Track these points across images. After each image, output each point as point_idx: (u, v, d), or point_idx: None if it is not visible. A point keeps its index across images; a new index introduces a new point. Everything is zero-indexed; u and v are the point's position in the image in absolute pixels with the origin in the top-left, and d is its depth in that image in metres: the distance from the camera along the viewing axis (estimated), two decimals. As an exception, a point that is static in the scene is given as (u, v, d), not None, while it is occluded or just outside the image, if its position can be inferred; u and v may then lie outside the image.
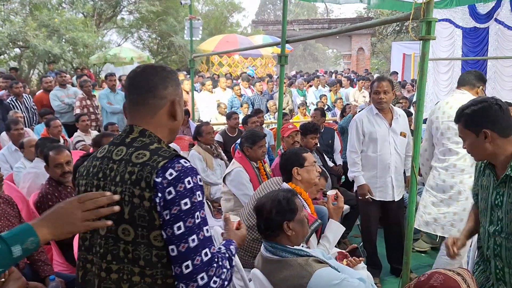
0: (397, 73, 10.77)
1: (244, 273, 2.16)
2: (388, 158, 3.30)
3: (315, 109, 5.77)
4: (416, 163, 2.58)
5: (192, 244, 1.16)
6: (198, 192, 1.19)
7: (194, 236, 1.16)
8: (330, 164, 4.92)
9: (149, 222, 1.17)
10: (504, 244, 1.74)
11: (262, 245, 1.92)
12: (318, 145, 4.45)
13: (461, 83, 3.04)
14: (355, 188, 3.54)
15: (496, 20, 8.16)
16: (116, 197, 1.16)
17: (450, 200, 2.97)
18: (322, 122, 5.57)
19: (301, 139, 4.09)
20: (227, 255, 1.30)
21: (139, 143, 1.26)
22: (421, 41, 2.48)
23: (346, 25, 22.10)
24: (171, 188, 1.15)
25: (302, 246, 1.95)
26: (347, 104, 6.52)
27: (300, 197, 2.38)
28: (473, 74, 3.06)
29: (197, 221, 1.17)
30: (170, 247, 1.16)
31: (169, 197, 1.15)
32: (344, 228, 2.52)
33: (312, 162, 2.58)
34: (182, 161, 1.21)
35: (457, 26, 9.05)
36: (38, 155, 3.69)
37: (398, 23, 19.55)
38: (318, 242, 2.39)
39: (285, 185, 2.51)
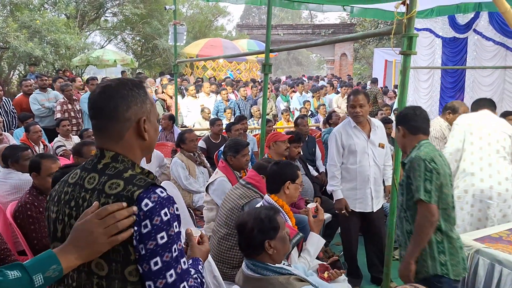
0: (377, 80, 10.93)
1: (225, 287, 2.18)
2: (367, 170, 3.35)
3: (301, 116, 5.76)
4: (397, 174, 2.62)
5: (170, 280, 1.12)
6: (175, 223, 1.15)
7: (172, 271, 1.13)
8: (314, 173, 4.96)
9: (124, 257, 1.12)
10: (400, 216, 2.35)
11: (244, 263, 1.92)
12: (302, 153, 4.48)
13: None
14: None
15: (474, 30, 8.37)
16: (135, 208, 1.11)
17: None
18: (307, 129, 5.61)
19: (284, 147, 4.11)
20: (198, 280, 1.28)
21: (112, 170, 1.19)
22: (403, 56, 2.53)
23: (329, 33, 22.45)
24: (147, 221, 1.10)
25: (283, 263, 1.95)
26: (333, 112, 6.51)
27: (282, 210, 2.40)
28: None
29: (174, 254, 1.13)
30: (147, 283, 1.12)
31: (144, 231, 1.10)
32: (325, 241, 2.55)
33: (301, 180, 2.61)
34: (158, 190, 1.15)
35: (437, 35, 9.27)
36: (8, 165, 3.51)
37: (380, 29, 19.87)
38: (299, 255, 2.40)
39: (267, 197, 2.50)
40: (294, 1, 6.77)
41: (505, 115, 3.87)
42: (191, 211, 4.05)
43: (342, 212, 3.38)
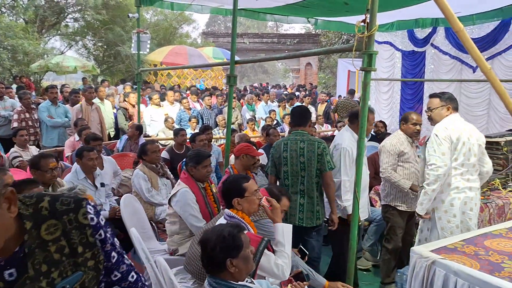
0: (354, 92, 10.98)
1: None
2: (366, 179, 3.57)
3: (272, 126, 5.77)
4: (358, 188, 2.70)
5: None
6: None
7: None
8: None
9: None
10: None
11: (206, 280, 1.92)
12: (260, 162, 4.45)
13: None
14: (344, 215, 3.48)
15: (432, 45, 8.77)
16: None
17: None
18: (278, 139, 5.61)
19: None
20: None
21: None
22: (363, 72, 2.60)
23: (295, 43, 22.77)
24: None
25: (247, 280, 1.96)
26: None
27: (243, 221, 2.41)
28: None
29: None
30: None
31: None
32: (291, 225, 2.51)
33: (253, 191, 2.52)
34: None
35: (397, 49, 9.63)
36: None
37: (343, 40, 20.37)
38: (275, 253, 2.39)
39: (227, 211, 2.50)
40: (259, 11, 6.89)
41: None
42: (154, 224, 3.99)
43: (360, 224, 3.48)
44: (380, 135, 6.15)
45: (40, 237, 1.17)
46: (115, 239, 1.38)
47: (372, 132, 6.38)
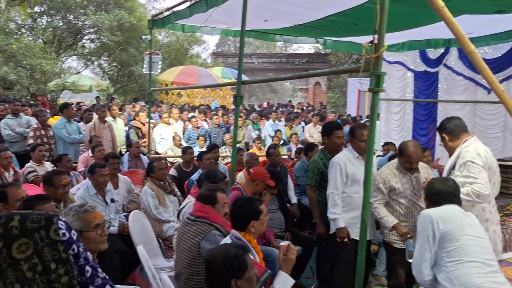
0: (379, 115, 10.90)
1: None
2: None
3: (273, 146, 5.81)
4: (366, 210, 2.53)
5: None
6: None
7: None
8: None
9: None
10: None
11: None
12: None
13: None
14: (331, 230, 3.49)
15: (445, 65, 8.59)
16: None
17: None
18: (280, 160, 5.65)
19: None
20: None
21: None
22: (371, 93, 2.53)
23: (303, 62, 22.89)
24: None
25: None
26: (315, 145, 6.08)
27: (249, 245, 2.44)
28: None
29: None
30: None
31: None
32: (294, 281, 2.44)
33: (265, 213, 2.58)
34: None
35: (408, 69, 9.44)
36: None
37: (353, 59, 20.42)
38: None
39: (235, 233, 2.51)
40: (268, 32, 7.05)
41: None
42: (160, 241, 4.08)
43: (345, 240, 3.34)
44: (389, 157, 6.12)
45: (12, 257, 1.18)
46: (88, 253, 1.38)
47: (380, 153, 6.36)
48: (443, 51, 8.51)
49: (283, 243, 2.51)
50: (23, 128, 6.82)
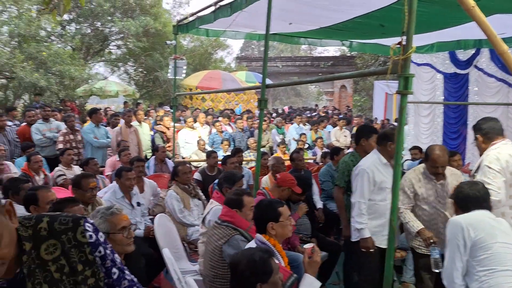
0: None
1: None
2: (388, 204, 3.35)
3: (297, 151, 5.77)
4: (394, 215, 2.47)
5: None
6: None
7: None
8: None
9: None
10: None
11: None
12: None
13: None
14: (354, 237, 3.40)
15: (476, 67, 8.34)
16: None
17: None
18: (303, 164, 5.60)
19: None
20: None
21: None
22: (399, 96, 2.49)
23: (328, 65, 22.70)
24: None
25: None
26: (341, 149, 5.97)
27: (274, 249, 2.41)
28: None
29: None
30: None
31: None
32: (320, 284, 2.42)
33: (287, 217, 2.53)
34: None
35: (438, 71, 9.22)
36: (8, 196, 3.58)
37: (380, 62, 20.08)
38: None
39: (259, 236, 2.50)
40: (292, 36, 7.01)
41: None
42: (185, 244, 4.10)
43: (371, 251, 3.27)
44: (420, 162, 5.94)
45: (40, 257, 1.20)
46: (115, 255, 1.39)
47: (408, 157, 6.20)
48: (473, 52, 8.26)
49: (307, 245, 2.48)
50: (53, 133, 7.00)
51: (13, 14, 12.17)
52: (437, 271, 2.93)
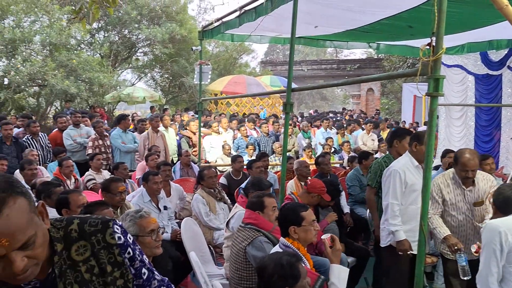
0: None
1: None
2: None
3: (322, 155, 5.73)
4: (424, 220, 2.45)
5: None
6: None
7: None
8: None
9: None
10: None
11: None
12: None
13: None
14: (384, 242, 3.35)
15: (509, 67, 8.08)
16: None
17: None
18: (329, 168, 5.54)
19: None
20: None
21: None
22: (429, 98, 2.44)
23: (355, 68, 22.40)
24: None
25: None
26: (370, 154, 5.87)
27: (298, 252, 2.40)
28: None
29: None
30: None
31: None
32: (348, 269, 2.42)
33: (310, 222, 2.49)
34: None
35: (469, 72, 8.97)
36: (41, 199, 3.67)
37: (408, 64, 19.66)
38: None
39: (283, 240, 2.50)
40: (318, 39, 6.96)
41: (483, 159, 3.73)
42: (212, 248, 4.12)
43: (408, 253, 3.16)
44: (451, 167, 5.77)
45: (71, 258, 1.23)
46: (144, 256, 1.42)
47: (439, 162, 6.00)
48: (506, 52, 7.98)
49: (324, 236, 2.46)
50: (83, 138, 7.19)
51: (45, 23, 12.59)
52: (465, 278, 2.85)
